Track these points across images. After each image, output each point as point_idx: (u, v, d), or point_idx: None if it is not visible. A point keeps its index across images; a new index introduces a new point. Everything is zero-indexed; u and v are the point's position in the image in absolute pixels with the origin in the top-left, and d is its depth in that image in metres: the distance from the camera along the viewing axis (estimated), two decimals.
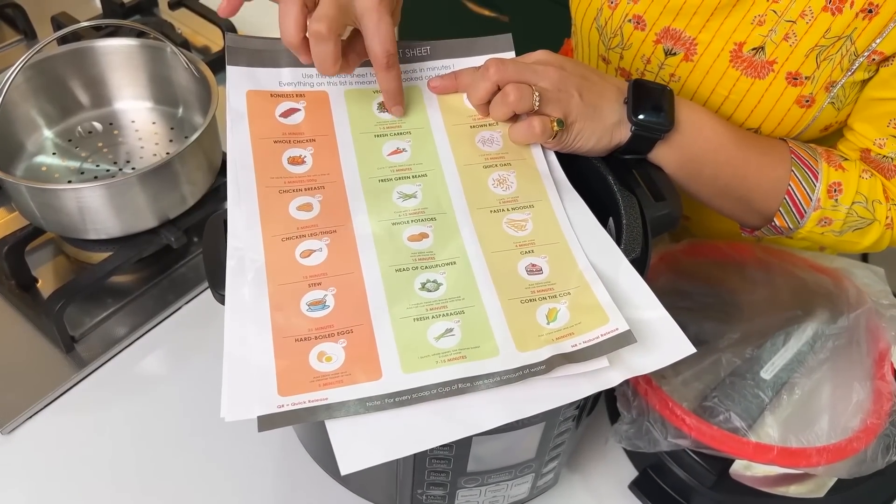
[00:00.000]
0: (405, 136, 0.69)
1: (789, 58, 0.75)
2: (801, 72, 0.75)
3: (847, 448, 0.68)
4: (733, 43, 0.76)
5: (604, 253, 0.63)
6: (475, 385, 0.54)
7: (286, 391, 0.54)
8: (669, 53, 0.80)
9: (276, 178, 0.64)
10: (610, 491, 0.77)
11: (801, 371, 0.73)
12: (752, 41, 0.76)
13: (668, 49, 0.80)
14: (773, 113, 0.78)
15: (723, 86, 0.78)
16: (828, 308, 0.78)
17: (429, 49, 0.73)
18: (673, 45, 0.80)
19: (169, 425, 0.79)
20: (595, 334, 0.57)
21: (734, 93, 0.78)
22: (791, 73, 0.75)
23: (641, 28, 0.81)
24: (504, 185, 0.67)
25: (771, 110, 0.78)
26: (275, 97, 0.69)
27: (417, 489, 0.65)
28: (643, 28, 0.81)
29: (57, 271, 0.91)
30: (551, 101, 0.66)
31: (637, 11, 0.81)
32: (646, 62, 0.83)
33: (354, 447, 0.52)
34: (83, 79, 0.98)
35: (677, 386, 0.72)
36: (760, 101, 0.77)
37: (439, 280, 0.60)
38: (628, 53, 0.84)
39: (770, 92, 0.77)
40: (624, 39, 0.83)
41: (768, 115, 0.78)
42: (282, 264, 0.60)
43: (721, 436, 0.68)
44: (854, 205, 0.75)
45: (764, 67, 0.76)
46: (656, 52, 0.81)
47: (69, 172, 0.94)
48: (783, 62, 0.75)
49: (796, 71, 0.75)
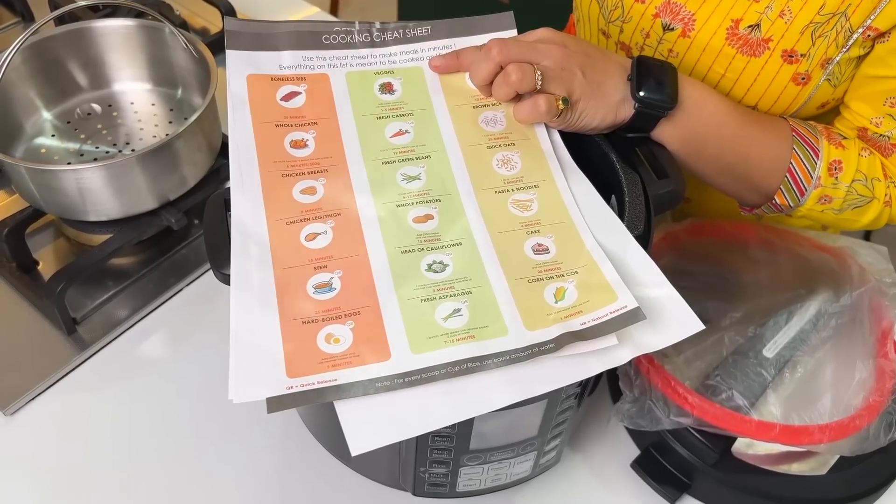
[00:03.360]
0: (408, 118, 0.68)
1: (784, 35, 0.74)
2: (796, 49, 0.75)
3: (849, 426, 0.68)
4: (730, 19, 0.76)
5: (610, 232, 0.63)
6: (484, 364, 0.54)
7: (294, 373, 0.54)
8: (667, 28, 0.80)
9: (278, 162, 0.64)
10: (612, 469, 0.77)
11: (803, 349, 0.74)
12: (748, 17, 0.75)
13: (665, 24, 0.80)
14: (769, 91, 0.78)
15: (719, 64, 0.78)
16: (831, 287, 0.78)
17: (429, 29, 0.73)
18: (671, 19, 0.79)
19: (170, 407, 0.79)
20: (604, 312, 0.57)
21: (730, 71, 0.78)
22: (787, 50, 0.75)
23: (641, 1, 0.81)
24: (508, 165, 0.66)
25: (767, 88, 0.77)
26: (275, 81, 0.68)
27: (420, 468, 0.65)
28: (643, 1, 0.81)
29: (57, 253, 0.91)
30: (554, 80, 0.66)
31: None
32: (645, 36, 0.82)
33: (364, 428, 0.52)
34: (81, 60, 0.97)
35: (679, 365, 0.72)
36: (756, 80, 0.77)
37: (445, 261, 0.60)
38: (628, 27, 0.84)
39: (766, 70, 0.76)
40: (624, 12, 0.83)
41: (765, 93, 0.78)
42: (287, 248, 0.60)
43: (723, 414, 0.68)
44: (854, 182, 0.75)
45: (759, 45, 0.75)
46: (655, 26, 0.81)
47: (68, 154, 0.94)
48: (778, 39, 0.75)
49: (792, 48, 0.75)
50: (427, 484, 0.67)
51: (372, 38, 0.71)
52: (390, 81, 0.70)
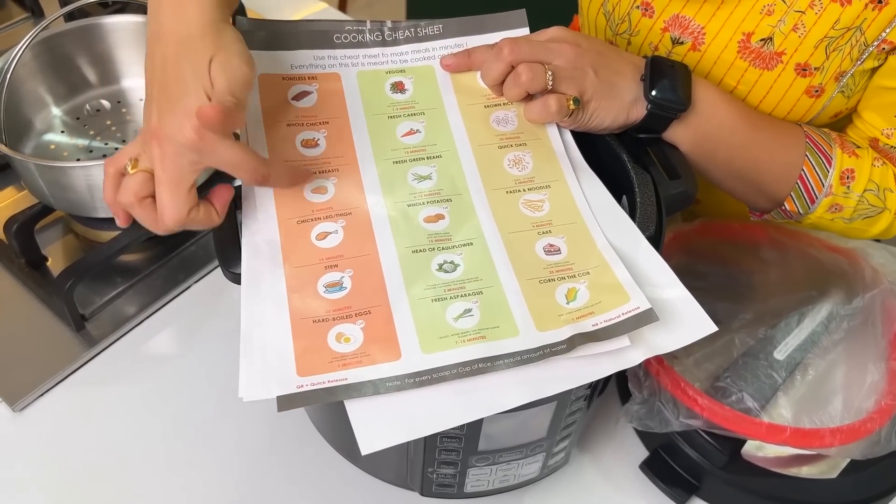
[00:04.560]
0: (419, 117, 0.68)
1: (798, 49, 0.73)
2: (810, 63, 0.74)
3: (861, 429, 0.68)
4: (741, 33, 0.75)
5: (622, 232, 0.63)
6: (495, 365, 0.54)
7: (305, 371, 0.54)
8: (677, 42, 0.79)
9: (289, 161, 0.64)
10: (620, 471, 0.77)
11: (814, 352, 0.73)
12: (760, 31, 0.75)
13: (675, 38, 0.79)
14: (782, 103, 0.77)
15: (730, 76, 0.77)
16: (843, 288, 0.77)
17: (441, 27, 0.72)
18: (681, 33, 0.78)
19: (178, 403, 0.79)
20: (616, 313, 0.56)
21: (742, 83, 0.77)
22: (800, 64, 0.74)
23: (649, 15, 0.80)
24: (520, 165, 0.66)
25: (780, 101, 0.77)
26: (287, 80, 0.68)
27: (428, 468, 0.65)
28: (651, 15, 0.80)
29: (66, 250, 0.91)
30: (566, 79, 0.66)
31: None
32: (653, 49, 0.82)
33: (374, 427, 0.52)
34: (91, 56, 0.97)
35: (689, 366, 0.72)
36: (769, 93, 0.76)
37: (456, 261, 0.60)
38: (636, 40, 0.83)
39: (779, 83, 0.76)
40: (632, 26, 0.82)
41: (777, 106, 0.77)
42: (298, 247, 0.59)
43: (734, 416, 0.68)
44: (866, 192, 0.75)
45: (772, 59, 0.75)
46: (664, 40, 0.80)
47: (78, 150, 0.94)
48: (792, 53, 0.74)
49: (805, 62, 0.74)
50: (435, 484, 0.67)
51: (383, 37, 0.71)
52: (401, 80, 0.70)
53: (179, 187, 0.56)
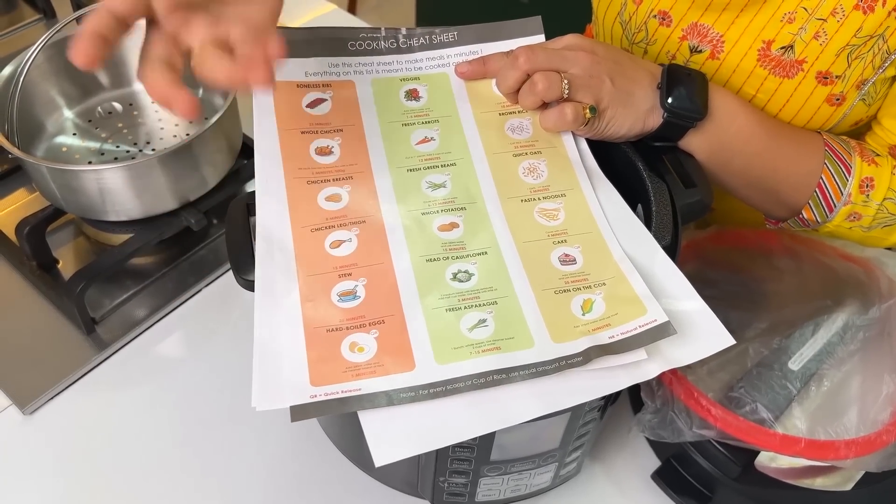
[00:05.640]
0: (433, 125, 0.68)
1: (819, 57, 0.73)
2: (831, 71, 0.73)
3: (876, 441, 0.67)
4: (761, 41, 0.75)
5: (638, 243, 0.62)
6: (510, 377, 0.54)
7: (318, 381, 0.53)
8: (695, 51, 0.79)
9: (303, 169, 0.64)
10: (632, 481, 0.76)
11: (830, 362, 0.72)
12: (781, 39, 0.74)
13: (693, 46, 0.78)
14: (802, 112, 0.76)
15: (750, 85, 0.77)
16: (858, 298, 0.77)
17: (456, 34, 0.72)
18: (699, 42, 0.78)
19: (188, 408, 0.79)
20: (632, 325, 0.56)
21: (762, 92, 0.76)
22: (821, 72, 0.73)
23: (667, 24, 0.80)
24: (535, 173, 0.66)
25: (800, 109, 0.76)
26: (301, 87, 0.68)
27: (440, 477, 0.64)
28: (668, 24, 0.80)
29: (78, 252, 0.91)
30: (582, 88, 0.65)
31: (663, 7, 0.80)
32: (671, 58, 0.81)
33: (388, 439, 0.52)
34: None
35: (703, 376, 0.71)
36: (789, 101, 0.76)
37: (471, 270, 0.59)
38: (653, 49, 0.82)
39: (799, 91, 0.75)
40: (648, 35, 0.82)
41: (797, 114, 0.76)
42: (311, 255, 0.59)
43: (747, 427, 0.67)
44: (885, 201, 0.74)
45: (793, 67, 0.74)
46: (682, 48, 0.80)
47: (89, 153, 0.94)
48: (813, 61, 0.73)
49: (826, 70, 0.73)
50: (446, 493, 0.67)
51: (398, 45, 0.71)
52: (416, 88, 0.70)
53: None
